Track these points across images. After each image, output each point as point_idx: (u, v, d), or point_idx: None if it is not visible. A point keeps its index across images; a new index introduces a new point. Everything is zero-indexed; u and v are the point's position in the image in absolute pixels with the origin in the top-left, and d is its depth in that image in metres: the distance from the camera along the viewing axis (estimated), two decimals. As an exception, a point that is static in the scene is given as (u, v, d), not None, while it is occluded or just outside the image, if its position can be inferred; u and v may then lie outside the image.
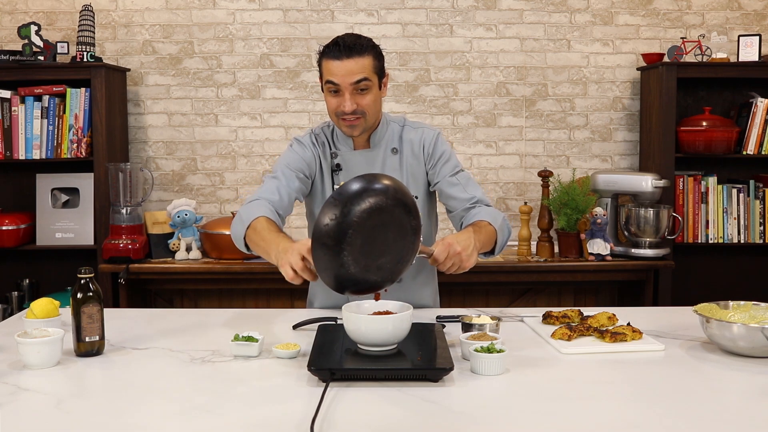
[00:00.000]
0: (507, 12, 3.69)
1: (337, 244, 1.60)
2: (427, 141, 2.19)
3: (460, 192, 2.16)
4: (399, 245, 1.69)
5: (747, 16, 3.70)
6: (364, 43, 2.05)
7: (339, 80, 2.02)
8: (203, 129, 3.72)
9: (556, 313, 2.01)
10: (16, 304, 3.48)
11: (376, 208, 1.63)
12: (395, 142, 2.20)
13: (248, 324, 2.04)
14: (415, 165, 2.19)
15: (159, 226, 3.41)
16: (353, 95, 2.04)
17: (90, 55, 3.35)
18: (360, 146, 2.18)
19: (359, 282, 1.67)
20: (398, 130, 2.21)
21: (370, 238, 1.63)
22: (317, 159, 2.19)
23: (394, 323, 1.64)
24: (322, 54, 2.07)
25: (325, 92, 2.09)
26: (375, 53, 2.07)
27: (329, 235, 1.60)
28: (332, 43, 2.05)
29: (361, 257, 1.63)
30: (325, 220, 1.60)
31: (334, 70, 2.03)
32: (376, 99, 2.10)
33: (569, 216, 3.33)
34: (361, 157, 2.17)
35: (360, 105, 2.05)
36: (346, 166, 2.16)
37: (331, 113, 2.11)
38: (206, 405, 1.44)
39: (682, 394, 1.51)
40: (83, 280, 1.73)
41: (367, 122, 2.10)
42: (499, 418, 1.39)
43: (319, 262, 1.63)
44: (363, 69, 2.03)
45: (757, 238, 3.52)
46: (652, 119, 3.53)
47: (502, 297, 3.60)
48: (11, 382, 1.57)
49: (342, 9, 3.67)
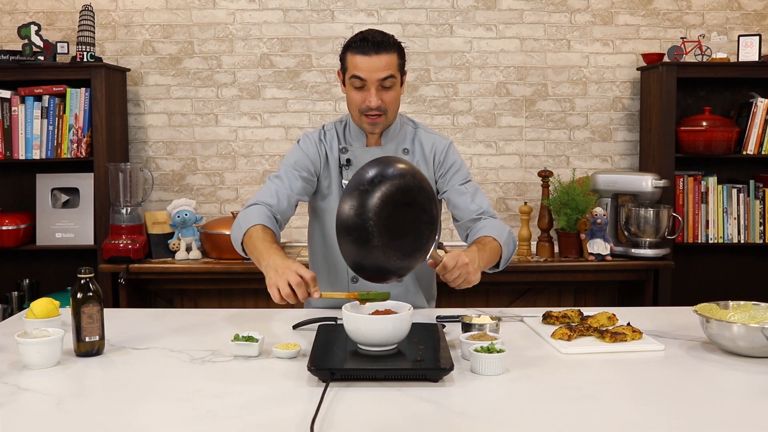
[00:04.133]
0: (507, 12, 3.69)
1: (363, 218, 1.66)
2: (439, 148, 2.21)
3: (467, 202, 2.17)
4: (419, 228, 1.73)
5: (747, 16, 3.70)
6: (390, 40, 2.07)
7: (366, 75, 2.03)
8: (203, 129, 3.72)
9: (556, 313, 2.01)
10: (16, 304, 3.48)
11: (403, 187, 1.69)
12: (407, 143, 2.21)
13: (248, 324, 2.04)
14: (423, 168, 2.19)
15: (159, 226, 3.41)
16: (378, 91, 2.05)
17: (90, 55, 3.35)
18: (372, 143, 2.19)
19: (380, 266, 1.70)
20: (411, 132, 2.23)
21: (394, 215, 1.67)
22: (323, 155, 2.19)
23: (394, 323, 1.64)
24: (347, 48, 2.07)
25: (348, 87, 2.09)
26: (399, 51, 2.09)
27: (357, 207, 1.66)
28: (359, 37, 2.05)
29: (385, 233, 1.66)
30: (351, 201, 1.67)
31: (360, 65, 2.03)
32: (398, 97, 2.12)
33: (569, 216, 3.33)
34: (372, 154, 2.16)
35: (384, 101, 2.06)
36: (356, 162, 2.16)
37: (353, 109, 2.11)
38: (206, 405, 1.44)
39: (682, 394, 1.51)
40: (83, 280, 1.73)
41: (388, 120, 2.12)
42: (499, 418, 1.39)
43: (344, 241, 1.69)
44: (389, 66, 2.04)
45: (757, 238, 3.52)
46: (652, 119, 3.53)
47: (502, 297, 3.60)
48: (11, 382, 1.57)
49: (342, 9, 3.67)
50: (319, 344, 1.71)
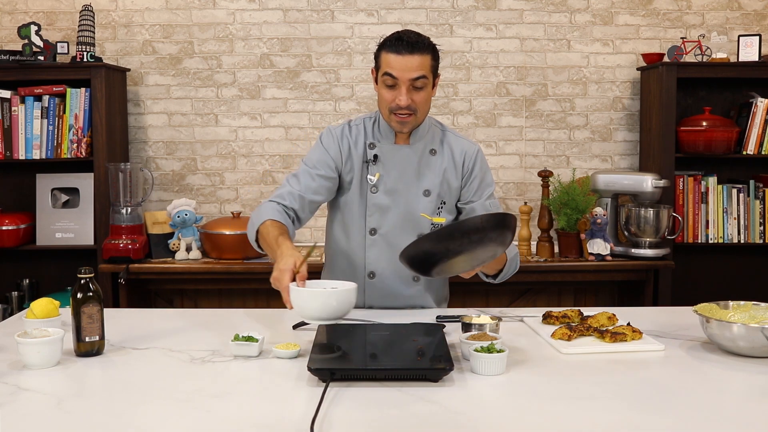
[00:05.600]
0: (507, 12, 3.69)
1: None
2: (469, 154, 2.23)
3: None
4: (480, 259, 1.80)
5: (747, 16, 3.70)
6: (425, 41, 2.08)
7: (398, 74, 2.05)
8: (203, 129, 3.72)
9: (556, 313, 2.01)
10: (16, 304, 3.48)
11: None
12: (435, 144, 2.22)
13: (248, 324, 2.04)
14: (452, 172, 2.21)
15: (159, 226, 3.41)
16: (409, 91, 2.06)
17: (90, 55, 3.35)
18: (401, 141, 2.20)
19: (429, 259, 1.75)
20: (439, 134, 2.24)
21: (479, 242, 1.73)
22: (346, 150, 2.20)
23: (338, 297, 1.74)
24: (382, 46, 2.10)
25: (380, 85, 2.11)
26: (434, 53, 2.11)
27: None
28: (395, 36, 2.07)
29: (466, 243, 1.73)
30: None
31: (394, 63, 2.05)
32: (429, 98, 2.13)
33: (569, 216, 3.33)
34: (400, 152, 2.19)
35: (414, 101, 2.08)
36: (383, 158, 2.19)
37: (383, 106, 2.13)
38: (206, 405, 1.44)
39: (682, 394, 1.51)
40: (83, 280, 1.73)
41: (417, 120, 2.14)
42: (499, 418, 1.39)
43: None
44: (422, 66, 2.06)
45: (757, 238, 3.52)
46: (652, 119, 3.53)
47: (502, 297, 3.60)
48: (11, 382, 1.57)
49: (342, 9, 3.67)
50: (319, 344, 1.71)
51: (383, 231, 2.19)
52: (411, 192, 2.19)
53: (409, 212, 2.19)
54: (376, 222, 2.20)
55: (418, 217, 2.18)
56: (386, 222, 2.19)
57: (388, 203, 2.19)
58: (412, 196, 2.19)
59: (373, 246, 2.20)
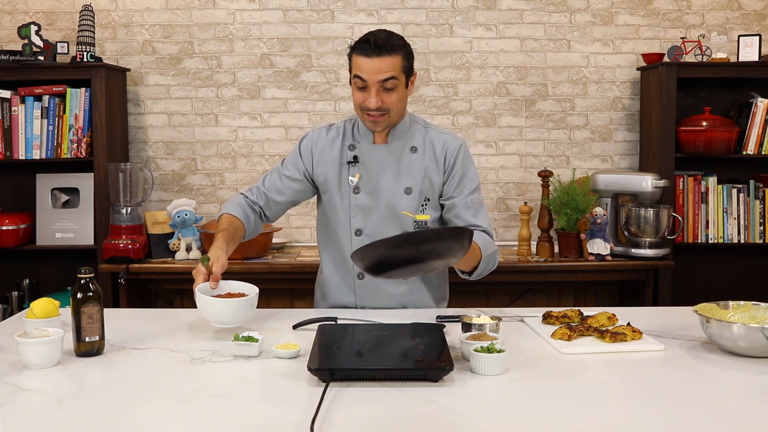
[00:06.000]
0: (507, 12, 3.69)
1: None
2: (450, 149, 2.22)
3: (470, 216, 2.20)
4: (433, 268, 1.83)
5: (747, 16, 3.70)
6: (395, 42, 2.09)
7: (366, 77, 2.07)
8: (203, 129, 3.72)
9: (556, 313, 2.01)
10: (16, 304, 3.48)
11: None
12: (416, 141, 2.23)
13: (248, 324, 2.04)
14: (433, 168, 2.21)
15: (159, 226, 3.41)
16: (379, 92, 2.08)
17: (90, 55, 3.35)
18: (380, 141, 2.21)
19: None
20: (422, 131, 2.25)
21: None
22: (318, 154, 2.23)
23: (239, 305, 1.89)
24: (352, 49, 2.12)
25: (353, 86, 2.13)
26: (405, 52, 2.11)
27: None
28: (363, 39, 2.09)
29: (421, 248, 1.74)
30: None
31: (362, 66, 2.07)
32: (402, 97, 2.13)
33: (569, 216, 3.32)
34: (379, 152, 2.20)
35: (385, 102, 2.09)
36: (363, 158, 2.20)
37: (356, 107, 2.14)
38: (206, 405, 1.44)
39: (682, 394, 1.51)
40: (83, 280, 1.73)
41: (391, 119, 2.14)
42: (499, 418, 1.39)
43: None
44: (391, 68, 2.06)
45: (757, 238, 3.52)
46: (652, 119, 3.53)
47: (502, 297, 3.60)
48: (11, 382, 1.57)
49: (342, 9, 3.67)
50: (319, 344, 1.71)
51: (368, 231, 2.21)
52: (392, 191, 2.19)
53: (391, 211, 2.19)
54: (360, 223, 2.21)
55: (402, 215, 2.19)
56: (370, 222, 2.20)
57: (370, 203, 2.20)
58: (394, 195, 2.19)
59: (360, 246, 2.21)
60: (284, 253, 3.46)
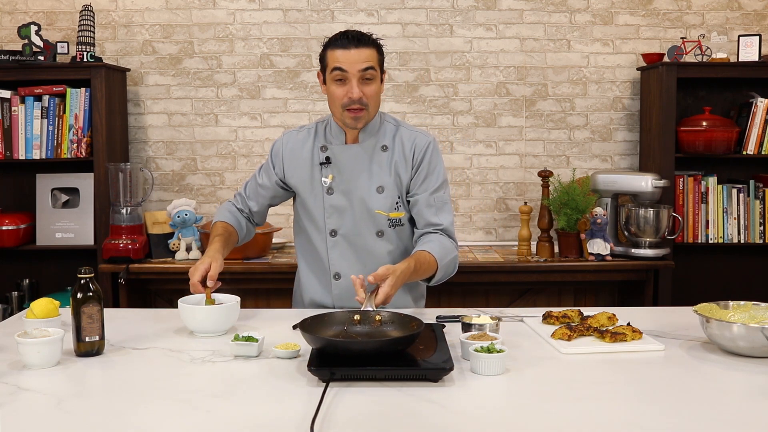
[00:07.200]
0: (507, 12, 3.69)
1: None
2: (419, 147, 2.22)
3: (431, 215, 2.20)
4: None
5: (747, 16, 3.70)
6: (369, 37, 2.15)
7: (347, 66, 2.08)
8: (203, 129, 3.72)
9: (556, 313, 2.01)
10: (16, 304, 3.48)
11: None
12: (387, 140, 2.23)
13: (248, 324, 2.04)
14: (402, 166, 2.22)
15: (159, 226, 3.41)
16: (359, 83, 2.10)
17: (90, 55, 3.35)
18: (351, 141, 2.22)
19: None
20: (392, 130, 2.25)
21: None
22: (288, 156, 2.26)
23: (220, 312, 1.92)
24: (327, 45, 2.14)
25: (330, 82, 2.13)
26: (379, 48, 2.17)
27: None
28: (339, 35, 2.13)
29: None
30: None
31: (342, 57, 2.09)
32: (378, 92, 2.17)
33: (569, 216, 3.32)
34: (351, 152, 2.21)
35: (365, 94, 2.10)
36: (335, 159, 2.21)
37: (335, 105, 2.15)
38: (206, 405, 1.44)
39: (682, 394, 1.51)
40: (83, 280, 1.73)
41: (369, 115, 2.16)
42: (499, 418, 1.39)
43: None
44: (370, 58, 2.11)
45: (757, 238, 3.52)
46: (652, 119, 3.53)
47: (502, 297, 3.60)
48: (11, 382, 1.57)
49: (342, 9, 3.67)
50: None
51: (343, 231, 2.22)
52: (365, 190, 2.20)
53: (365, 211, 2.20)
54: (335, 223, 2.22)
55: (375, 214, 2.20)
56: (345, 222, 2.21)
57: (344, 204, 2.21)
58: (367, 194, 2.20)
59: (335, 247, 2.23)
60: (284, 253, 3.46)
